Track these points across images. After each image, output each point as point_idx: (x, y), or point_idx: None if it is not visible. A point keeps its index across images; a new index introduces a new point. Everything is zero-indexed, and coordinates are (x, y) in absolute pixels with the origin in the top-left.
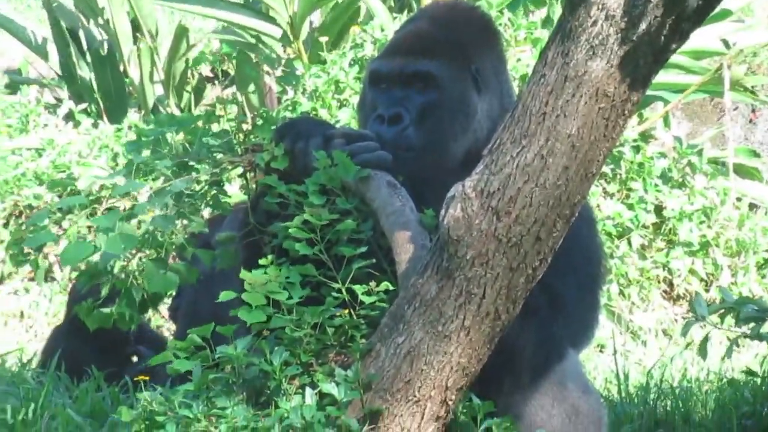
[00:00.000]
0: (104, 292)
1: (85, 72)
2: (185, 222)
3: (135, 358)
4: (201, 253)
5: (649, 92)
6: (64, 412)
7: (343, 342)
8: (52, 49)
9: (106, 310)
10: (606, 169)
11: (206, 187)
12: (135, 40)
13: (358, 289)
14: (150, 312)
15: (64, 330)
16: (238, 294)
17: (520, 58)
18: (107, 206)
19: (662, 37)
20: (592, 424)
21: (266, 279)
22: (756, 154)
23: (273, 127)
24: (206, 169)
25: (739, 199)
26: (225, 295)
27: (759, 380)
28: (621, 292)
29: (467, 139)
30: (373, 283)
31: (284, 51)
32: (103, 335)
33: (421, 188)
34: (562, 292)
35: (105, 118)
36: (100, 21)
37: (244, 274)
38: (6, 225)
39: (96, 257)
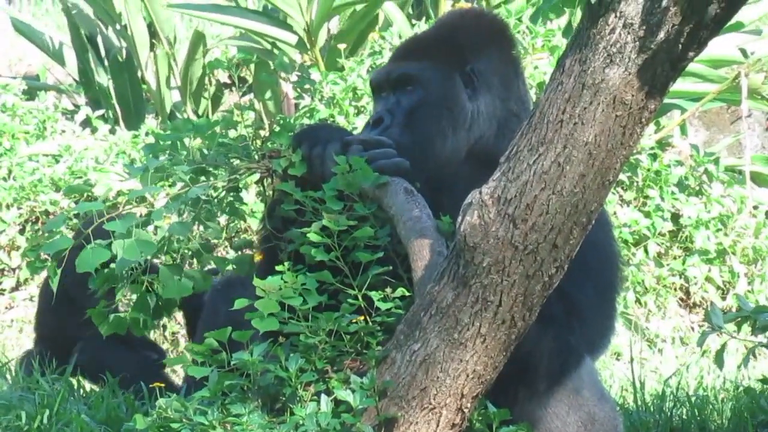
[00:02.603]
0: (119, 296)
1: (102, 78)
2: (201, 228)
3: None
4: (216, 259)
5: (666, 100)
6: (79, 419)
7: (359, 349)
8: (69, 54)
9: (120, 315)
10: (623, 176)
11: (223, 193)
12: (152, 46)
13: (375, 295)
14: (165, 319)
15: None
16: (253, 301)
17: (538, 66)
18: (123, 212)
19: (680, 45)
20: None
21: (280, 285)
22: None
23: (290, 134)
24: (223, 175)
25: (755, 207)
26: (239, 303)
27: None
28: (637, 300)
29: (460, 138)
30: (389, 290)
31: (301, 58)
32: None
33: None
34: (578, 299)
35: (122, 124)
36: (118, 27)
37: (256, 281)
38: (22, 231)
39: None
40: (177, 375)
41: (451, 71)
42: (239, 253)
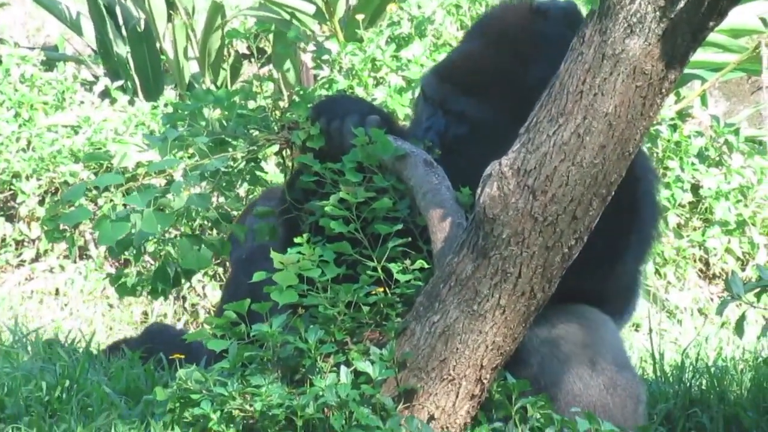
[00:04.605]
0: (136, 262)
1: (121, 49)
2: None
3: None
4: (236, 228)
5: (686, 71)
6: (99, 389)
7: (378, 320)
8: (87, 25)
9: (136, 280)
10: (643, 147)
11: (242, 164)
12: (170, 17)
13: (394, 267)
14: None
15: None
16: (272, 273)
17: None
18: (142, 183)
19: (700, 15)
20: (629, 398)
21: (299, 257)
22: None
23: (309, 105)
24: (242, 146)
25: None
26: (258, 276)
27: None
28: (657, 271)
29: None
30: (408, 262)
31: (320, 29)
32: None
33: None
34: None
35: (141, 95)
36: None
37: (274, 254)
38: (42, 202)
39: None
40: None
41: (504, 108)
42: (260, 222)
